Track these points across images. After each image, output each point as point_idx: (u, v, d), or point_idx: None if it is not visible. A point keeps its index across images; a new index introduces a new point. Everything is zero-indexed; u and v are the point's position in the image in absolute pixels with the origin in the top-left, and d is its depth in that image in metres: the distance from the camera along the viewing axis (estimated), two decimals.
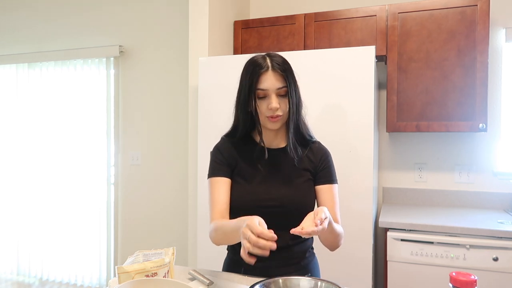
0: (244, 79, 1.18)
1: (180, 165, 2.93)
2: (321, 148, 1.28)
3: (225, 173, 1.23)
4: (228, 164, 1.24)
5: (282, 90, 1.15)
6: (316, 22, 2.35)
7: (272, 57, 1.17)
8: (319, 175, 1.24)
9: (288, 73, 1.16)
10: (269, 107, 1.14)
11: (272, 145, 1.26)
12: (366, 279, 1.84)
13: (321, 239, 1.17)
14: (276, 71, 1.14)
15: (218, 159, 1.25)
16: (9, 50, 3.47)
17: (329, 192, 1.23)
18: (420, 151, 2.48)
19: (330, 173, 1.25)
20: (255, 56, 1.18)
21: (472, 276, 0.75)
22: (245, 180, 1.22)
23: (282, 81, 1.15)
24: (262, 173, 1.22)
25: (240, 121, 1.22)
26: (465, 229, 1.83)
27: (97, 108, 3.15)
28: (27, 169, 3.43)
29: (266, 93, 1.14)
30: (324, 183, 1.23)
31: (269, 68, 1.14)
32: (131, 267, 0.94)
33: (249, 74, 1.16)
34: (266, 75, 1.14)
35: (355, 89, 1.86)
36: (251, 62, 1.17)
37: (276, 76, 1.14)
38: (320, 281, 0.96)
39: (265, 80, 1.14)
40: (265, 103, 1.15)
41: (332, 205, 1.21)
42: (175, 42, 2.93)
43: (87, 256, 3.21)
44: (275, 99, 1.14)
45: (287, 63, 1.18)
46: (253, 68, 1.16)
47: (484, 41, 2.06)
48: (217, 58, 2.08)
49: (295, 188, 1.20)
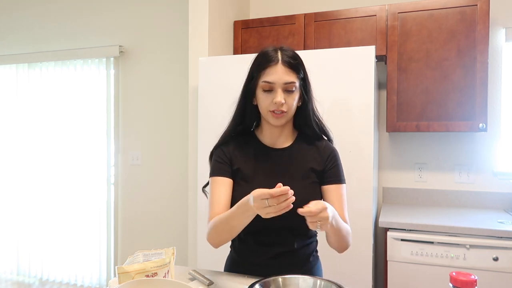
0: (252, 70, 1.16)
1: (180, 165, 2.93)
2: (328, 147, 1.24)
3: (226, 173, 1.20)
4: (229, 164, 1.21)
5: (289, 85, 1.11)
6: (316, 22, 2.35)
7: (283, 50, 1.13)
8: (327, 175, 1.20)
9: (298, 68, 1.13)
10: (274, 101, 1.10)
11: (276, 144, 1.22)
12: (366, 279, 1.84)
13: (329, 240, 1.14)
14: (285, 65, 1.11)
15: (220, 158, 1.22)
16: (9, 50, 3.47)
17: (336, 192, 1.19)
18: (420, 151, 2.47)
19: (338, 172, 1.21)
20: (267, 48, 1.15)
21: (472, 276, 0.75)
22: (247, 182, 1.19)
23: (291, 76, 1.11)
24: (264, 174, 1.19)
25: (247, 113, 1.20)
26: (465, 229, 1.83)
27: (97, 108, 3.15)
28: (27, 169, 3.43)
29: (272, 86, 1.11)
30: (331, 183, 1.19)
31: (278, 62, 1.11)
32: (131, 267, 0.94)
33: (257, 65, 1.14)
34: (274, 68, 1.10)
35: (355, 89, 1.86)
36: (262, 54, 1.15)
37: (285, 70, 1.10)
38: (320, 280, 0.96)
39: (273, 73, 1.10)
40: (270, 97, 1.12)
41: (340, 205, 1.17)
42: (175, 42, 2.93)
43: (87, 256, 3.21)
44: (281, 93, 1.10)
45: (299, 58, 1.15)
46: (262, 59, 1.13)
47: (484, 41, 2.06)
48: (217, 58, 2.08)
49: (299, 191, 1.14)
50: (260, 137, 1.24)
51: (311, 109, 1.20)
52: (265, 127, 1.22)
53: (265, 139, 1.23)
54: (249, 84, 1.16)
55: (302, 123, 1.22)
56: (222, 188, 1.18)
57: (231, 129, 1.24)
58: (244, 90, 1.19)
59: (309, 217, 0.94)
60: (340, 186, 1.20)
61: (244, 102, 1.19)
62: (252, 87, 1.15)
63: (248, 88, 1.17)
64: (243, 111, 1.20)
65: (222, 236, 1.11)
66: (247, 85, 1.17)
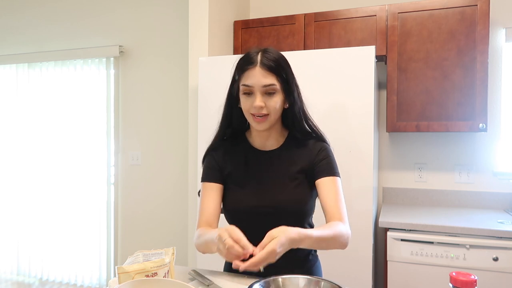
0: (234, 73, 1.15)
1: (180, 165, 2.93)
2: (318, 143, 1.20)
3: (216, 179, 1.19)
4: (219, 169, 1.20)
5: (268, 88, 1.07)
6: (316, 22, 2.35)
7: (266, 52, 1.09)
8: (317, 169, 1.15)
9: (279, 71, 1.08)
10: (253, 105, 1.07)
11: (266, 146, 1.21)
12: (366, 279, 1.84)
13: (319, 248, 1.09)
14: (264, 67, 1.07)
15: (210, 164, 1.22)
16: (9, 50, 3.47)
17: (329, 184, 1.13)
18: (420, 151, 2.47)
19: (329, 165, 1.16)
20: (250, 50, 1.13)
21: (472, 276, 0.75)
22: (238, 185, 1.18)
23: (269, 79, 1.07)
24: (255, 178, 1.18)
25: (233, 117, 1.18)
26: (465, 229, 1.83)
27: (97, 108, 3.15)
28: (27, 169, 3.43)
29: (251, 89, 1.08)
30: (323, 175, 1.14)
31: (257, 64, 1.07)
32: (131, 267, 0.94)
33: (238, 67, 1.13)
34: (253, 71, 1.07)
35: (355, 89, 1.86)
36: (244, 56, 1.13)
37: (263, 73, 1.07)
38: (320, 280, 0.96)
39: (251, 76, 1.07)
40: (250, 100, 1.09)
41: (333, 198, 1.11)
42: (175, 42, 2.93)
43: (87, 256, 3.21)
44: (260, 97, 1.07)
45: (281, 60, 1.10)
46: (243, 62, 1.11)
47: (484, 41, 2.06)
48: (217, 58, 2.08)
49: (289, 192, 1.14)
50: (250, 140, 1.23)
51: (298, 110, 1.16)
52: (253, 130, 1.21)
53: (254, 141, 1.22)
54: (232, 87, 1.15)
55: (290, 125, 1.20)
56: (211, 194, 1.18)
57: (220, 133, 1.22)
58: (228, 93, 1.18)
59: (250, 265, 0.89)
60: (334, 179, 1.14)
61: (229, 105, 1.18)
62: (235, 90, 1.14)
63: (232, 91, 1.15)
64: (229, 114, 1.19)
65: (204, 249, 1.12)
66: (231, 88, 1.16)
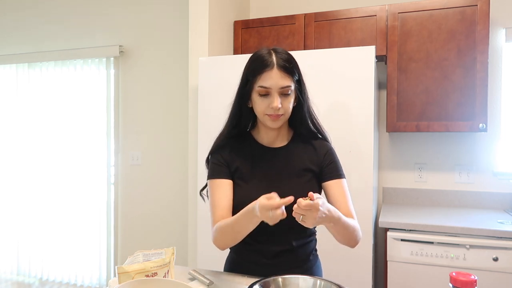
0: (247, 74, 1.15)
1: (180, 165, 2.93)
2: (324, 145, 1.25)
3: (225, 175, 1.20)
4: (227, 165, 1.21)
5: (285, 89, 1.11)
6: (316, 22, 2.35)
7: (278, 53, 1.12)
8: (325, 172, 1.21)
9: (293, 71, 1.13)
10: (271, 106, 1.11)
11: (273, 144, 1.24)
12: (366, 279, 1.84)
13: (337, 238, 1.14)
14: (280, 69, 1.10)
15: (217, 161, 1.22)
16: (9, 50, 3.47)
17: (338, 187, 1.19)
18: (420, 151, 2.47)
19: (336, 168, 1.22)
20: (261, 51, 1.14)
21: (472, 276, 0.75)
22: (245, 181, 1.19)
23: (287, 80, 1.11)
24: (262, 174, 1.20)
25: (243, 115, 1.20)
26: (465, 229, 1.83)
27: (97, 108, 3.15)
28: (27, 169, 3.43)
29: (268, 91, 1.11)
30: (331, 178, 1.20)
31: (274, 66, 1.10)
32: (131, 267, 0.94)
33: (252, 70, 1.13)
34: (270, 73, 1.10)
35: (355, 89, 1.86)
36: (256, 58, 1.14)
37: (280, 74, 1.10)
38: (320, 280, 0.96)
39: (269, 78, 1.10)
40: (266, 101, 1.12)
41: (343, 199, 1.17)
42: (175, 42, 2.93)
43: (87, 256, 3.21)
44: (277, 98, 1.10)
45: (293, 61, 1.14)
46: (257, 63, 1.12)
47: (484, 41, 2.06)
48: (217, 58, 2.08)
49: (297, 189, 1.16)
50: (257, 137, 1.25)
51: (307, 109, 1.21)
52: (261, 128, 1.23)
53: (261, 139, 1.24)
54: (244, 88, 1.16)
55: (298, 123, 1.23)
56: (223, 190, 1.18)
57: (227, 132, 1.24)
58: (239, 93, 1.19)
59: (297, 208, 0.95)
60: (341, 181, 1.20)
61: (239, 105, 1.19)
62: (248, 91, 1.15)
63: (244, 92, 1.17)
64: (238, 113, 1.21)
65: (228, 241, 1.13)
66: (242, 89, 1.17)
